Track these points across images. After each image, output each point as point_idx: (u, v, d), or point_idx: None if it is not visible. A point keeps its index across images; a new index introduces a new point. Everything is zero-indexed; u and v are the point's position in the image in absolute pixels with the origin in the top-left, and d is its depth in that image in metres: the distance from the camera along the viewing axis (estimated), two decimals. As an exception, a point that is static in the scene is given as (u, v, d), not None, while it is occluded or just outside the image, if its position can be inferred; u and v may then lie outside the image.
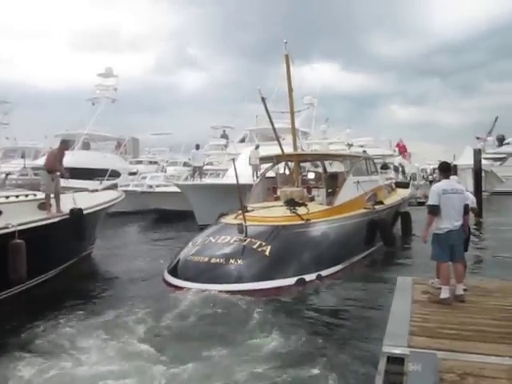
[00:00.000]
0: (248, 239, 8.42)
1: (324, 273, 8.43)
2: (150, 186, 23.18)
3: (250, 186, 13.28)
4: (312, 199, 11.44)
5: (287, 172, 13.21)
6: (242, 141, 29.61)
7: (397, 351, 3.75)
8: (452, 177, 6.80)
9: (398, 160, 32.24)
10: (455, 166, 31.45)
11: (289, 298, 7.30)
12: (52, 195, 8.69)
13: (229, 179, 19.29)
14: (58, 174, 9.05)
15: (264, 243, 8.32)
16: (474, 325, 4.39)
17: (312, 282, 8.06)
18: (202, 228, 15.80)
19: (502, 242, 12.29)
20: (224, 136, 37.47)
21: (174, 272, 8.37)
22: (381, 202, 12.40)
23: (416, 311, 4.79)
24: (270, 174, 13.60)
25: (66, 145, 9.74)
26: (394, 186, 17.21)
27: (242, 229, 8.51)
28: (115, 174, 24.68)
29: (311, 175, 13.56)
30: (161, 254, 12.05)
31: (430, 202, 5.42)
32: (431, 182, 38.91)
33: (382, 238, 11.12)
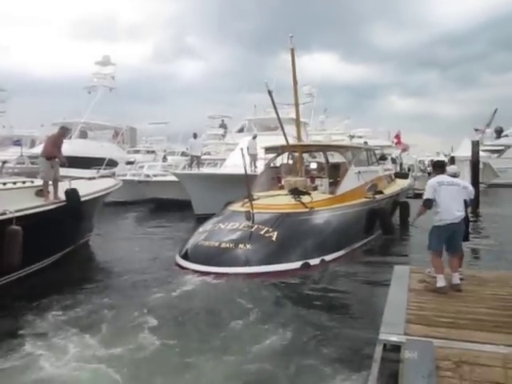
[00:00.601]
0: (255, 226, 8.93)
1: (327, 258, 8.94)
2: (148, 176, 23.11)
3: (253, 176, 13.90)
4: (315, 188, 11.84)
5: (290, 162, 13.60)
6: (241, 130, 29.48)
7: (393, 339, 3.77)
8: (452, 166, 6.88)
9: (395, 152, 32.26)
10: (453, 157, 31.54)
11: (294, 281, 7.67)
12: (50, 182, 8.63)
13: (227, 169, 19.27)
14: (57, 160, 8.96)
15: (271, 229, 8.84)
16: (470, 313, 4.42)
17: (316, 266, 8.55)
18: (200, 217, 15.95)
19: (499, 233, 12.39)
20: (222, 126, 37.32)
21: (186, 256, 8.88)
22: (380, 192, 12.72)
23: (412, 299, 4.82)
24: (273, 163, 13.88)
25: (64, 131, 9.62)
26: (393, 176, 17.47)
27: (249, 216, 8.99)
28: (112, 163, 24.56)
29: (313, 165, 14.01)
30: (159, 243, 12.13)
31: (425, 195, 5.52)
32: (430, 174, 39.04)
33: (381, 227, 11.49)
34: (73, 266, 9.08)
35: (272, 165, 13.67)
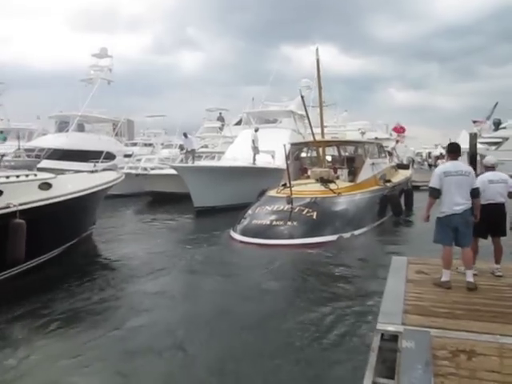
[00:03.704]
0: (297, 207, 10.92)
1: (356, 232, 11.16)
2: (145, 169, 23.07)
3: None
4: (337, 178, 13.62)
5: (312, 155, 15.80)
6: (238, 123, 29.39)
7: (391, 328, 3.79)
8: (489, 157, 6.35)
9: (391, 145, 32.40)
10: (451, 150, 31.55)
11: (333, 249, 9.68)
12: None
13: (226, 162, 19.27)
14: None
15: (311, 210, 10.87)
16: (467, 304, 4.45)
17: (348, 239, 10.73)
18: (199, 210, 16.00)
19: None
20: (220, 118, 37.20)
21: (242, 232, 11.03)
22: (389, 181, 14.81)
23: (410, 290, 4.84)
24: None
25: None
26: (396, 167, 19.35)
27: (290, 200, 10.97)
28: (110, 157, 24.45)
29: (328, 158, 16.01)
30: (159, 236, 12.26)
31: (431, 184, 5.22)
32: (431, 166, 39.00)
33: (392, 210, 13.58)
34: (74, 260, 9.12)
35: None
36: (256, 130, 18.53)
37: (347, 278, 7.62)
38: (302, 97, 15.55)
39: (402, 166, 21.21)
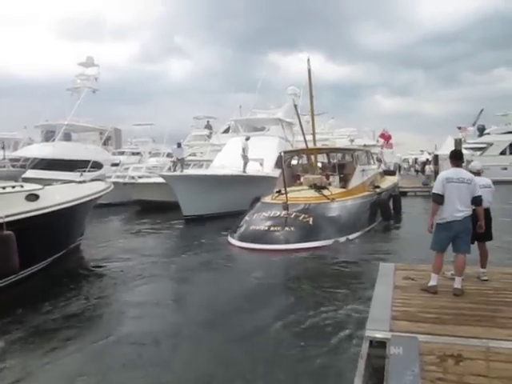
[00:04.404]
0: (293, 213, 11.24)
1: (350, 237, 11.50)
2: (133, 177, 22.92)
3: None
4: (329, 184, 13.91)
5: (303, 162, 16.35)
6: (226, 131, 29.39)
7: (379, 335, 3.81)
8: (475, 162, 6.27)
9: (378, 150, 32.77)
10: (436, 156, 31.98)
11: (330, 253, 9.97)
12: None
13: (214, 170, 19.26)
14: None
15: (307, 215, 11.21)
16: (454, 309, 4.49)
17: (344, 243, 11.07)
18: (188, 219, 15.95)
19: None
20: (208, 126, 37.18)
21: (240, 237, 11.29)
22: (378, 187, 15.27)
23: (398, 296, 4.87)
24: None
25: None
26: (383, 173, 19.88)
27: (286, 206, 11.26)
28: (97, 166, 24.26)
29: (318, 164, 16.41)
30: (149, 245, 12.19)
31: (434, 190, 5.22)
32: (417, 172, 39.42)
33: (382, 215, 14.00)
34: (61, 272, 8.94)
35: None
36: (247, 139, 18.58)
37: (348, 283, 7.64)
38: (295, 105, 16.31)
39: (388, 172, 21.75)
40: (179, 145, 19.58)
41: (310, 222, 11.04)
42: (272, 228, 11.00)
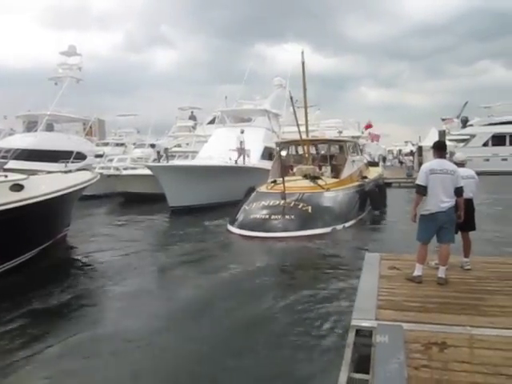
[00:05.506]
0: (292, 202, 11.48)
1: (346, 224, 11.93)
2: (117, 169, 22.67)
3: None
4: (322, 174, 14.04)
5: (294, 153, 16.58)
6: (212, 122, 29.22)
7: (365, 324, 3.85)
8: (459, 154, 6.38)
9: (362, 142, 33.12)
10: (420, 147, 32.33)
11: (327, 240, 10.34)
12: None
13: (200, 161, 19.17)
14: None
15: (305, 204, 11.48)
16: (438, 297, 4.56)
17: (341, 230, 11.44)
18: (174, 210, 15.86)
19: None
20: (192, 117, 36.91)
21: (240, 225, 11.52)
22: (365, 177, 15.62)
23: (383, 286, 4.92)
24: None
25: None
26: (367, 164, 19.93)
27: (283, 195, 11.50)
28: (81, 157, 23.93)
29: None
30: (135, 236, 12.10)
31: (418, 181, 5.24)
32: (402, 163, 39.82)
33: (371, 204, 14.38)
34: (48, 263, 8.81)
35: None
36: (242, 132, 18.55)
37: (350, 270, 7.54)
38: (291, 97, 16.13)
39: (371, 164, 22.20)
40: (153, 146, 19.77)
41: (309, 211, 11.31)
42: (272, 216, 11.21)
